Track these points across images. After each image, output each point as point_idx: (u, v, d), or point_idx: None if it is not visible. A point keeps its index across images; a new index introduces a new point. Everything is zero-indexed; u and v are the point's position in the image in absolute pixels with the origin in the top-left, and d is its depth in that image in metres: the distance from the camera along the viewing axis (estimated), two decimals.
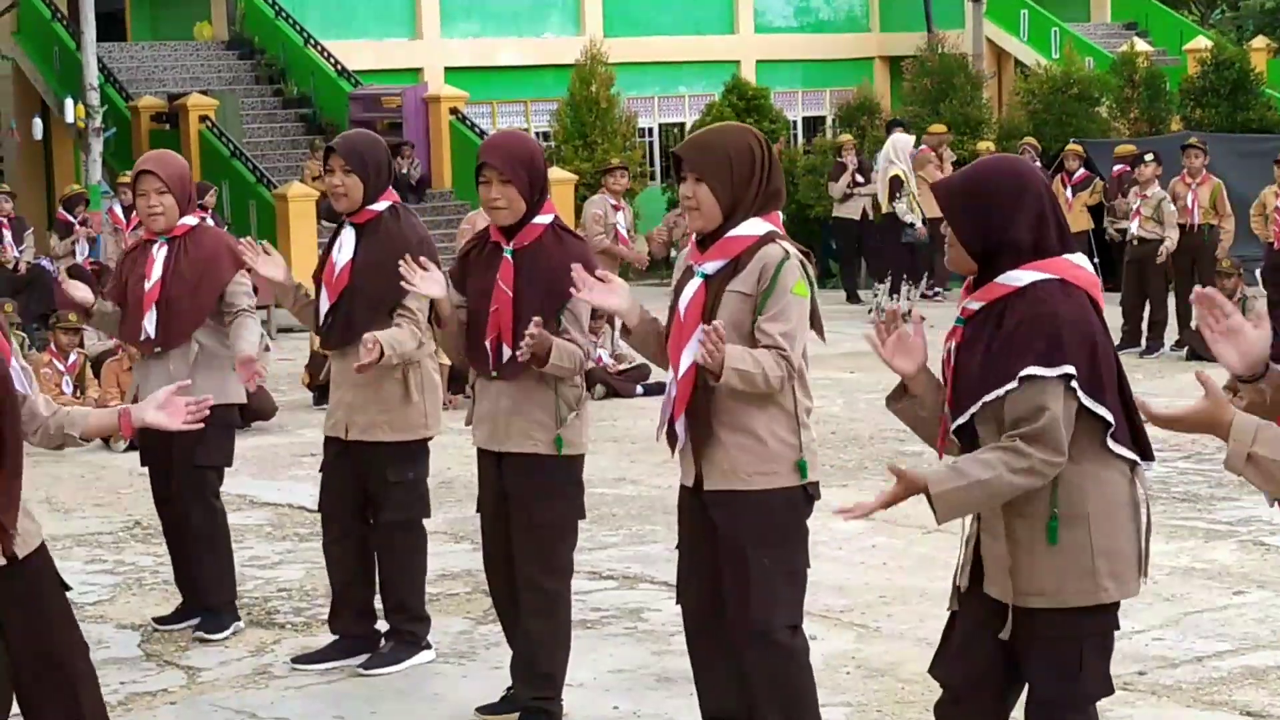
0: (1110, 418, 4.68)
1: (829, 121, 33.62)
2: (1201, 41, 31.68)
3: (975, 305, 4.78)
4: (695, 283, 5.62)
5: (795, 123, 34.21)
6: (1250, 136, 26.57)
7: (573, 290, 5.78)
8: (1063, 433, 4.60)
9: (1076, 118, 27.32)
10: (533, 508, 6.52)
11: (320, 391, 15.28)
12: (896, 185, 21.77)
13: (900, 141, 22.39)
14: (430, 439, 7.49)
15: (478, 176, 6.51)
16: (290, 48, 29.30)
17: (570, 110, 28.43)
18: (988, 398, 4.68)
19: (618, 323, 5.97)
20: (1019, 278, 4.71)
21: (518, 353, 6.28)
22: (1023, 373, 4.60)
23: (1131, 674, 7.24)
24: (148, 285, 7.83)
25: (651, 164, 31.65)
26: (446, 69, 30.96)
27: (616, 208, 17.35)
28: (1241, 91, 28.67)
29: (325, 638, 7.73)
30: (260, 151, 26.95)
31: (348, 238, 7.32)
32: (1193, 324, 17.44)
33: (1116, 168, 21.47)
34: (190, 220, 7.93)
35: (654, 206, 27.96)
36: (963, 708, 4.97)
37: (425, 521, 7.58)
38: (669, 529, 8.09)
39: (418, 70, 30.81)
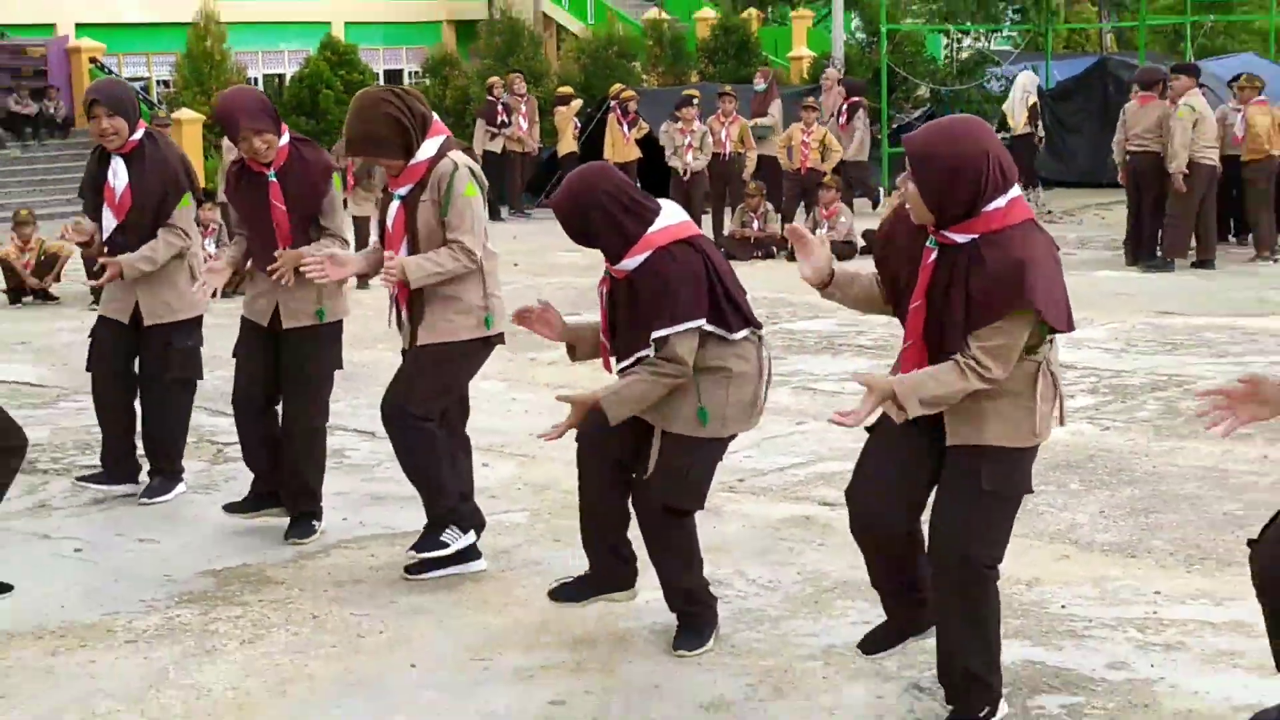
0: (728, 332, 5.27)
1: (407, 73, 33.81)
2: (708, 11, 32.90)
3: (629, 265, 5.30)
4: (395, 204, 6.16)
5: (379, 75, 34.19)
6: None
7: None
8: (687, 351, 5.19)
9: (617, 71, 28.12)
10: (305, 364, 6.88)
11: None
12: (1035, 113, 21.60)
13: (1029, 80, 22.22)
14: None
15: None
16: None
17: (188, 63, 27.94)
18: (635, 356, 5.30)
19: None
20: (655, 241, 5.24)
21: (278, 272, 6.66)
22: (656, 335, 5.19)
23: (734, 481, 7.85)
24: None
25: None
26: (77, 25, 30.00)
27: None
28: (744, 51, 29.96)
29: None
30: None
31: (119, 166, 7.40)
32: (725, 231, 18.49)
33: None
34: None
35: None
36: (598, 520, 5.59)
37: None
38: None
39: (51, 25, 29.79)
